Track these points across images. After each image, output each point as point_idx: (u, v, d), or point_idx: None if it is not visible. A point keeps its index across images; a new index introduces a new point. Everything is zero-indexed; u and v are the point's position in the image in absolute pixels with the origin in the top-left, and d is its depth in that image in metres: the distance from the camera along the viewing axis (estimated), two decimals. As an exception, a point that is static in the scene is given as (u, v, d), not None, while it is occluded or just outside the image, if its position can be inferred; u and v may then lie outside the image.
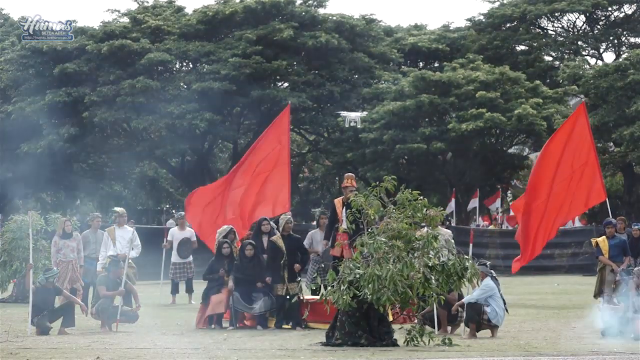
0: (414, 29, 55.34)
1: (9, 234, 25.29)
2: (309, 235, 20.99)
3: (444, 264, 15.18)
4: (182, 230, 25.72)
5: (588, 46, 52.73)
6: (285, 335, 17.45)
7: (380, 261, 14.93)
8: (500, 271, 23.56)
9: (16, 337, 16.86)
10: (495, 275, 17.56)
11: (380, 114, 45.76)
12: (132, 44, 46.94)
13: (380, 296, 14.71)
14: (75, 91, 46.72)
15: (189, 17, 49.28)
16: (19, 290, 25.15)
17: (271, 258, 19.07)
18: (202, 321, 18.97)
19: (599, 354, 14.45)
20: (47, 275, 18.12)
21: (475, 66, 46.89)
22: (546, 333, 17.44)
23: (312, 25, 48.81)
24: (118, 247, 21.15)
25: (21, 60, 48.09)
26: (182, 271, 25.39)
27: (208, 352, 14.69)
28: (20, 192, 53.63)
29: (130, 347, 15.37)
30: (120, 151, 50.30)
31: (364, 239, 15.21)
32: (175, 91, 47.05)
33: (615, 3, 51.01)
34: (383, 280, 14.69)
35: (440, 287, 15.19)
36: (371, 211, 15.48)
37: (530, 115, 44.00)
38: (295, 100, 44.72)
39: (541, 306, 23.63)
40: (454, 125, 44.40)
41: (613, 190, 49.47)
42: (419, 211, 15.46)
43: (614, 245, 21.44)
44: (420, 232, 15.64)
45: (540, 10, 50.65)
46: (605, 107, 44.94)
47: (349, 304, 14.90)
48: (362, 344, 15.14)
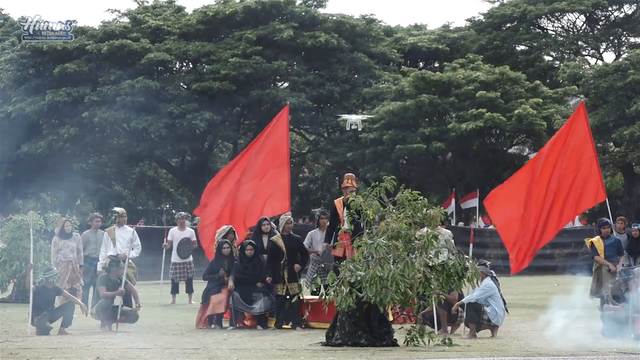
0: (414, 29, 55.32)
1: (9, 234, 25.28)
2: (309, 235, 20.99)
3: (444, 264, 15.19)
4: (182, 230, 25.71)
5: (588, 46, 52.71)
6: (285, 335, 17.45)
7: (381, 262, 14.93)
8: (500, 271, 23.54)
9: (16, 337, 16.86)
10: (495, 275, 17.56)
11: (380, 114, 45.76)
12: (132, 44, 46.96)
13: (382, 297, 14.72)
14: (75, 91, 46.72)
15: (189, 17, 49.29)
16: (19, 290, 25.15)
17: (271, 258, 19.08)
18: (202, 321, 18.97)
19: (599, 354, 14.46)
20: (47, 275, 18.12)
21: (475, 66, 46.88)
22: (546, 333, 17.44)
23: (312, 25, 48.82)
24: (118, 247, 21.14)
25: (21, 60, 48.09)
26: (182, 271, 25.38)
27: (208, 352, 14.70)
28: (20, 192, 53.66)
29: (130, 347, 15.37)
30: (120, 151, 50.31)
31: (364, 239, 15.21)
32: (175, 91, 47.06)
33: (615, 3, 51.01)
34: (385, 281, 14.69)
35: (441, 287, 15.19)
36: (370, 211, 15.48)
37: (530, 115, 43.99)
38: (295, 100, 44.72)
39: (541, 306, 23.61)
40: (454, 125, 44.40)
41: (613, 190, 49.46)
42: (419, 211, 15.46)
43: (609, 245, 21.44)
44: (420, 232, 15.64)
45: (540, 10, 50.63)
46: (605, 107, 44.93)
47: (349, 305, 14.91)
48: (362, 344, 15.14)
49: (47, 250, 23.62)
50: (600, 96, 45.07)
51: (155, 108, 46.39)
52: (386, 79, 49.40)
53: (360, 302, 15.05)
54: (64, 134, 46.48)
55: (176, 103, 46.31)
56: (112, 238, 21.39)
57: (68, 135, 46.50)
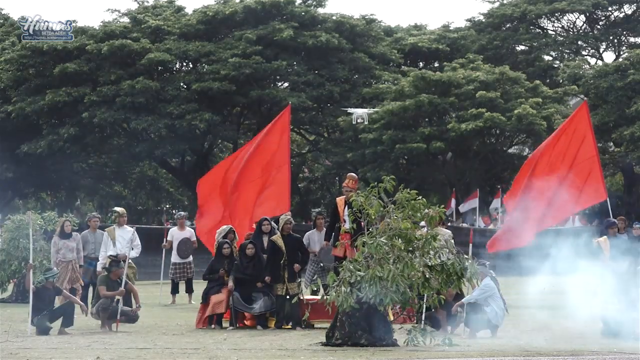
0: (414, 29, 55.34)
1: (8, 234, 25.27)
2: (307, 235, 20.97)
3: (444, 264, 15.19)
4: (182, 230, 25.71)
5: (588, 46, 52.77)
6: (285, 335, 17.44)
7: (381, 262, 14.93)
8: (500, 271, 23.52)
9: (16, 337, 16.85)
10: (494, 276, 17.55)
11: (380, 114, 45.77)
12: (132, 44, 46.97)
13: (382, 297, 14.72)
14: (75, 91, 46.75)
15: (189, 17, 49.32)
16: (19, 290, 25.14)
17: (271, 258, 19.07)
18: (202, 321, 18.97)
19: (599, 354, 14.45)
20: (47, 275, 18.11)
21: (475, 66, 46.90)
22: (546, 333, 17.43)
23: (312, 25, 48.83)
24: (118, 247, 21.13)
25: (21, 60, 48.10)
26: (182, 271, 25.38)
27: (208, 352, 14.70)
28: (20, 192, 53.72)
29: (130, 347, 15.37)
30: (120, 151, 50.33)
31: (365, 239, 15.21)
32: (175, 91, 47.08)
33: (615, 3, 51.05)
34: (385, 282, 14.69)
35: (441, 286, 15.19)
36: (372, 211, 15.47)
37: (530, 115, 44.01)
38: (295, 100, 44.73)
39: (541, 306, 23.61)
40: (454, 125, 44.41)
41: (613, 190, 49.48)
42: (419, 211, 15.46)
43: (616, 245, 21.40)
44: (420, 232, 15.63)
45: (540, 10, 50.68)
46: (605, 107, 44.96)
47: (350, 305, 14.90)
48: (362, 344, 15.13)
49: (47, 250, 23.62)
50: (600, 96, 45.09)
51: (155, 108, 46.40)
52: (386, 79, 49.42)
53: (360, 302, 15.05)
54: (64, 134, 46.49)
55: (176, 103, 46.33)
56: (112, 238, 21.38)
57: (68, 135, 46.51)
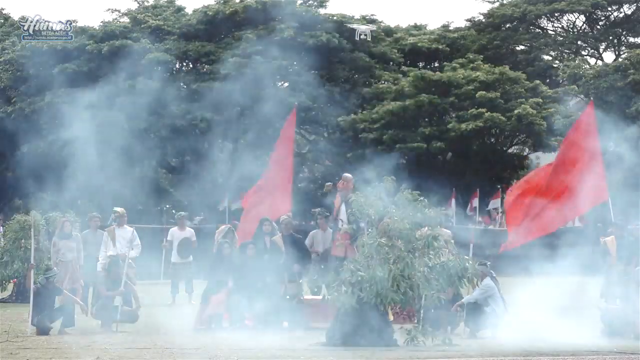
0: (413, 29, 55.28)
1: (12, 234, 25.27)
2: (311, 235, 20.96)
3: (444, 264, 15.19)
4: (182, 230, 25.70)
5: (588, 46, 52.75)
6: (285, 335, 17.44)
7: (382, 262, 14.94)
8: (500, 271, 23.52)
9: (16, 337, 16.85)
10: (495, 275, 17.56)
11: (380, 114, 45.75)
12: (133, 44, 46.95)
13: (382, 297, 14.72)
14: (75, 91, 46.70)
15: (189, 17, 49.31)
16: (19, 290, 25.14)
17: (272, 258, 19.08)
18: (202, 321, 18.97)
19: (599, 354, 14.46)
20: (47, 275, 18.12)
21: (475, 66, 46.90)
22: (546, 333, 17.44)
23: (312, 25, 48.81)
24: (118, 247, 21.13)
25: (21, 60, 48.09)
26: (182, 271, 25.37)
27: (208, 352, 14.70)
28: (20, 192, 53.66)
29: (130, 347, 15.37)
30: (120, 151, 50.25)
31: (365, 239, 15.21)
32: (175, 91, 47.05)
33: (615, 3, 51.03)
34: (385, 282, 14.69)
35: (441, 287, 15.20)
36: (372, 211, 15.48)
37: (530, 115, 44.01)
38: (295, 100, 44.70)
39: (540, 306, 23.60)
40: (454, 125, 44.41)
41: (613, 191, 49.41)
42: (419, 211, 15.47)
43: (622, 245, 21.35)
44: (420, 232, 15.64)
45: (540, 10, 50.66)
46: (605, 107, 44.92)
47: (350, 305, 14.91)
48: (362, 344, 15.14)
49: (48, 251, 23.61)
50: (600, 96, 45.08)
51: (155, 108, 46.37)
52: (386, 79, 49.39)
53: (360, 302, 15.04)
54: (64, 134, 46.49)
55: (176, 103, 46.31)
56: (112, 238, 21.38)
57: (68, 135, 46.49)
